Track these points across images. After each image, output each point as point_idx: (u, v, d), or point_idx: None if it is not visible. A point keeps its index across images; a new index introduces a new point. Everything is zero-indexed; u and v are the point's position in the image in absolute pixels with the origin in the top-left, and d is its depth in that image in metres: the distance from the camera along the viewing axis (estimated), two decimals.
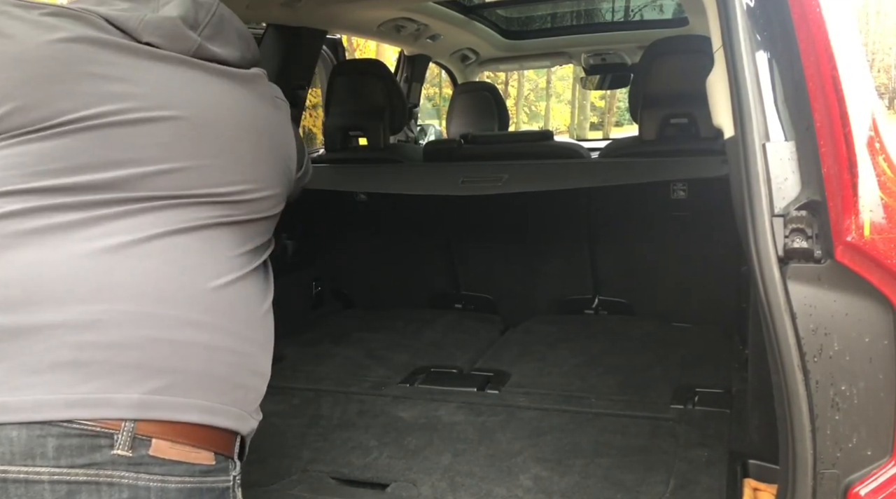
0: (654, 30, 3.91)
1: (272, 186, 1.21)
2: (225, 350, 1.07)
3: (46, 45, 1.01)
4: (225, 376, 1.07)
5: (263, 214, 1.21)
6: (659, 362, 2.49)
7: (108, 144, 1.02)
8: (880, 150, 1.11)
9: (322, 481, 1.86)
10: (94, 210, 1.01)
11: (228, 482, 1.08)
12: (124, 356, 0.97)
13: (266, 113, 1.23)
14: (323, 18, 3.01)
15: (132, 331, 0.98)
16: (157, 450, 0.98)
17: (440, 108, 17.90)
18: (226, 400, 1.07)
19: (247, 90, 1.20)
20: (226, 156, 1.13)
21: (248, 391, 1.12)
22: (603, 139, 7.46)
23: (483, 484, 1.78)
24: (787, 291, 1.12)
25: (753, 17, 1.19)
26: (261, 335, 1.17)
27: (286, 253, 3.11)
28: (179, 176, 1.07)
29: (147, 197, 1.04)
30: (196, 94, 1.11)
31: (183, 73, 1.11)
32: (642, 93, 2.66)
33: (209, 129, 1.11)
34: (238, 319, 1.11)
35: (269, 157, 1.21)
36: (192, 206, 1.08)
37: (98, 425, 0.94)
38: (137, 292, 1.00)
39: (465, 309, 3.25)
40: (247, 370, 1.12)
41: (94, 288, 0.98)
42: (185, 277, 1.05)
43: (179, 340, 1.02)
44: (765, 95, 1.17)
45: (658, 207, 2.72)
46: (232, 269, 1.11)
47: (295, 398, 2.35)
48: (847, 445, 1.14)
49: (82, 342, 0.95)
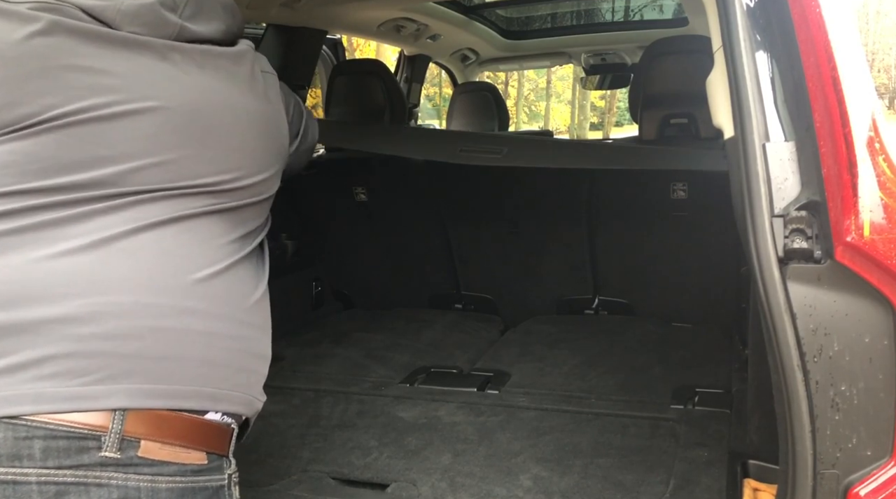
0: (654, 30, 3.91)
1: (264, 168, 1.19)
2: (223, 336, 1.07)
3: (25, 39, 0.99)
4: (225, 362, 1.07)
5: (256, 198, 1.18)
6: (659, 362, 2.49)
7: (96, 140, 1.01)
8: (880, 150, 1.11)
9: (322, 481, 1.86)
10: (84, 206, 1.00)
11: (223, 481, 1.07)
12: (125, 347, 0.97)
13: (254, 92, 1.19)
14: (323, 18, 3.01)
15: (130, 321, 0.98)
16: (146, 451, 0.97)
17: (440, 108, 17.89)
18: (229, 385, 1.07)
19: (233, 70, 1.16)
20: (214, 144, 1.11)
21: (251, 374, 1.12)
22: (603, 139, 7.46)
23: (483, 484, 1.78)
24: (786, 292, 1.12)
25: (753, 17, 1.19)
26: (259, 318, 1.16)
27: (286, 253, 3.12)
28: (167, 169, 1.05)
29: (136, 191, 1.03)
30: (180, 82, 1.08)
31: (166, 60, 1.08)
32: (642, 93, 2.66)
33: (195, 117, 1.09)
34: (234, 305, 1.10)
35: (259, 138, 1.18)
36: (181, 197, 1.07)
37: (85, 427, 0.93)
38: (132, 284, 1.00)
39: (465, 309, 3.25)
40: (248, 354, 1.12)
41: (90, 282, 0.98)
42: (178, 267, 1.05)
43: (177, 328, 1.02)
44: (765, 96, 1.17)
45: (658, 207, 2.72)
46: (225, 255, 1.11)
47: (295, 398, 2.35)
48: (847, 445, 1.14)
49: (83, 335, 0.95)
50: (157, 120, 1.05)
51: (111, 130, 1.02)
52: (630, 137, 2.94)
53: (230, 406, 1.07)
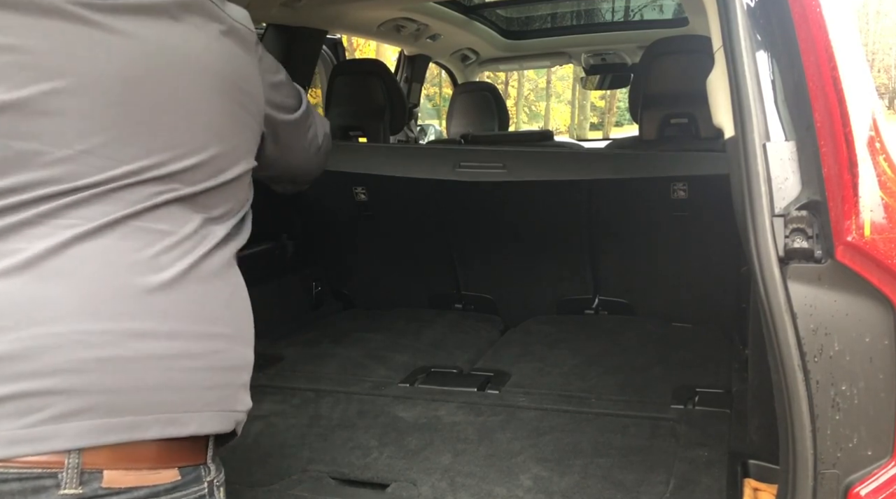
0: (654, 30, 3.92)
1: (223, 139, 1.02)
2: (182, 357, 0.94)
3: None
4: (188, 384, 0.95)
5: (218, 179, 1.01)
6: (659, 362, 2.49)
7: (8, 132, 0.87)
8: (881, 149, 1.11)
9: (322, 481, 1.85)
10: (8, 217, 0.87)
11: (202, 491, 0.99)
12: (69, 383, 0.86)
13: (208, 47, 1.01)
14: (323, 18, 3.02)
15: (71, 354, 0.87)
16: (110, 481, 0.88)
17: (440, 108, 17.89)
18: (196, 406, 0.95)
19: (169, 24, 0.97)
20: (155, 117, 0.94)
21: (223, 389, 1.00)
22: (603, 139, 7.46)
23: (483, 484, 1.78)
24: (787, 291, 1.12)
25: (753, 17, 1.19)
26: (229, 325, 1.02)
27: (286, 253, 3.12)
28: (99, 156, 0.91)
29: (66, 191, 0.89)
30: (107, 48, 0.91)
31: (86, 23, 0.90)
32: (642, 93, 2.66)
33: (130, 87, 0.92)
34: (196, 317, 0.97)
35: (215, 102, 1.01)
36: (122, 190, 0.92)
37: (38, 466, 0.84)
38: (71, 309, 0.88)
39: (465, 309, 3.25)
40: (216, 370, 0.99)
41: (23, 311, 0.86)
42: (125, 282, 0.91)
43: (126, 356, 0.90)
44: (765, 95, 1.17)
45: (658, 207, 2.72)
46: (181, 255, 0.96)
47: (295, 398, 2.35)
48: (847, 445, 1.14)
49: (22, 373, 0.84)
50: (81, 98, 0.90)
51: (25, 118, 0.87)
52: (630, 138, 2.94)
53: (200, 428, 0.95)
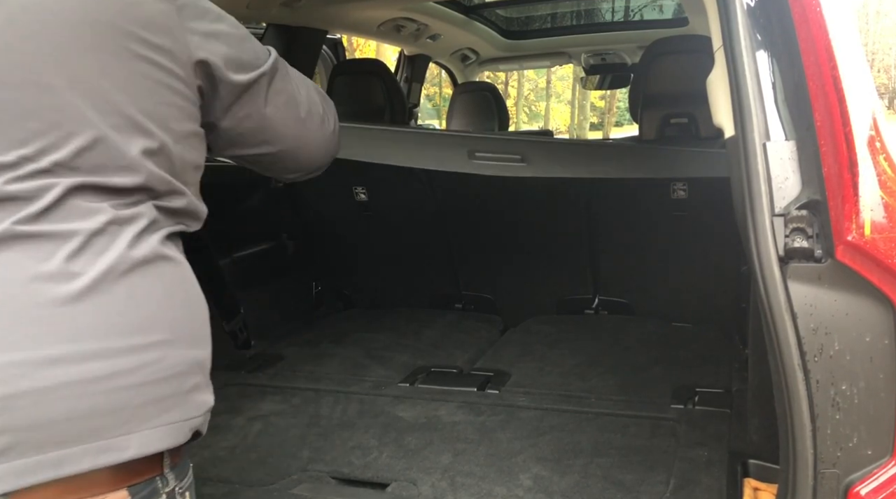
0: (654, 30, 3.91)
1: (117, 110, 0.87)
2: (110, 377, 0.84)
3: None
4: (120, 406, 0.84)
5: (124, 158, 0.87)
6: (659, 362, 2.49)
7: None
8: (881, 149, 1.11)
9: (322, 480, 1.85)
10: None
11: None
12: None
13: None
14: (323, 18, 3.02)
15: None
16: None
17: (440, 108, 17.89)
18: (133, 427, 0.85)
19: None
20: (14, 98, 0.81)
21: (167, 400, 0.89)
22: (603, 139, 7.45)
23: (483, 484, 1.78)
24: (787, 291, 1.12)
25: (753, 16, 1.19)
26: (165, 330, 0.90)
27: (286, 253, 3.12)
28: None
29: None
30: None
31: None
32: (642, 93, 2.66)
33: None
34: (121, 329, 0.86)
35: (99, 63, 0.85)
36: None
37: None
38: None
39: (465, 309, 3.25)
40: (153, 383, 0.88)
41: None
42: (25, 301, 0.80)
43: (40, 387, 0.80)
44: (765, 95, 1.17)
45: (658, 207, 2.72)
46: (94, 256, 0.85)
47: (295, 398, 2.35)
48: (847, 444, 1.14)
49: None
50: None
51: None
52: (630, 137, 2.94)
53: (142, 449, 0.86)
